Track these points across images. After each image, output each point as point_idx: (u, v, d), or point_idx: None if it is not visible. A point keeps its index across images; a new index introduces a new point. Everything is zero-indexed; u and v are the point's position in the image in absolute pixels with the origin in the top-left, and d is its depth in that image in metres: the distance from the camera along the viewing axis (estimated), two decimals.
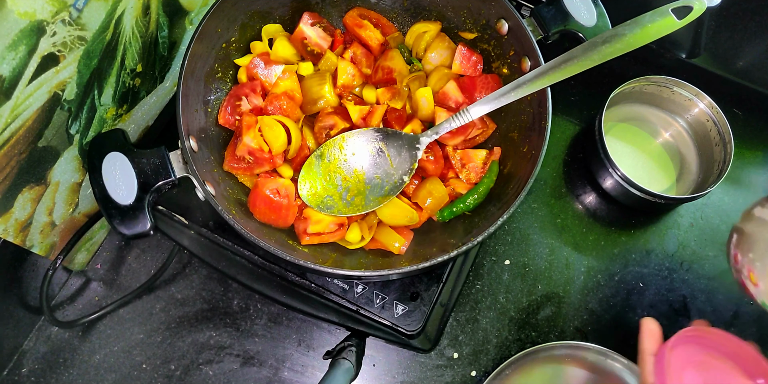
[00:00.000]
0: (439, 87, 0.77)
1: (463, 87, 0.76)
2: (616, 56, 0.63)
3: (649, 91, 0.94)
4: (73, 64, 0.63)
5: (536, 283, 0.88)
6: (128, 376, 0.81)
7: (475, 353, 0.84)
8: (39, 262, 0.76)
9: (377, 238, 0.71)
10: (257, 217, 0.69)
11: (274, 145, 0.70)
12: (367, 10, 0.80)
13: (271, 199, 0.68)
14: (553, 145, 0.97)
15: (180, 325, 0.83)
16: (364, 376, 0.82)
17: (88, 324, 0.82)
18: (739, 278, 0.62)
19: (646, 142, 0.96)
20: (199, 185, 0.62)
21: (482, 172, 0.74)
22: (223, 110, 0.73)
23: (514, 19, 0.71)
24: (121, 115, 0.76)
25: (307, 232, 0.69)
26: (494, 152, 0.75)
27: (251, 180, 0.72)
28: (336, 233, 0.70)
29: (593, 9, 0.73)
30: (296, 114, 0.74)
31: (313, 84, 0.75)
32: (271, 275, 0.75)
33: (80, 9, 0.60)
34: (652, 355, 0.59)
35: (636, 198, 0.87)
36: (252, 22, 0.75)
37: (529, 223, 0.91)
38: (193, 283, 0.85)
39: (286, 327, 0.84)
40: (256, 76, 0.74)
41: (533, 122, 0.70)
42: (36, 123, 0.62)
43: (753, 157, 0.99)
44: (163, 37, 0.77)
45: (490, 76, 0.76)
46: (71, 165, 0.71)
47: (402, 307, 0.72)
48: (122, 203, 0.61)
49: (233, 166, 0.71)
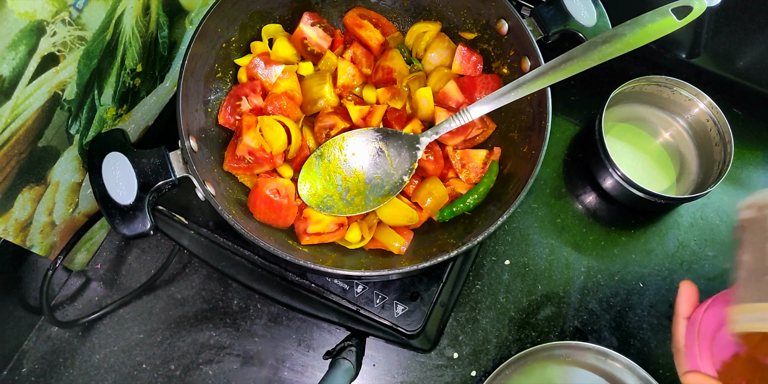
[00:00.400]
0: (439, 87, 0.77)
1: (463, 87, 0.76)
2: (616, 56, 0.63)
3: (649, 91, 0.94)
4: (73, 64, 0.63)
5: (536, 283, 0.88)
6: (128, 376, 0.81)
7: (475, 353, 0.84)
8: (39, 262, 0.76)
9: (377, 238, 0.71)
10: (257, 217, 0.69)
11: (274, 145, 0.70)
12: (367, 10, 0.80)
13: (271, 199, 0.68)
14: (553, 145, 0.97)
15: (180, 325, 0.83)
16: (364, 376, 0.82)
17: (88, 324, 0.82)
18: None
19: (646, 142, 0.96)
20: (199, 185, 0.62)
21: (482, 172, 0.74)
22: (223, 110, 0.73)
23: (514, 19, 0.71)
24: (121, 115, 0.76)
25: (307, 232, 0.69)
26: (494, 152, 0.75)
27: (251, 180, 0.72)
28: (336, 233, 0.70)
29: (593, 9, 0.73)
30: (296, 114, 0.74)
31: (313, 84, 0.75)
32: (271, 275, 0.75)
33: (80, 9, 0.60)
34: (685, 318, 0.57)
35: (636, 198, 0.87)
36: (252, 22, 0.75)
37: (529, 223, 0.91)
38: (193, 283, 0.85)
39: (286, 327, 0.84)
40: (256, 76, 0.74)
41: (533, 122, 0.70)
42: (36, 123, 0.62)
43: (753, 157, 0.99)
44: (163, 37, 0.77)
45: (490, 76, 0.76)
46: (71, 165, 0.71)
47: (402, 307, 0.72)
48: (122, 203, 0.61)
49: (233, 166, 0.71)
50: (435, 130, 0.70)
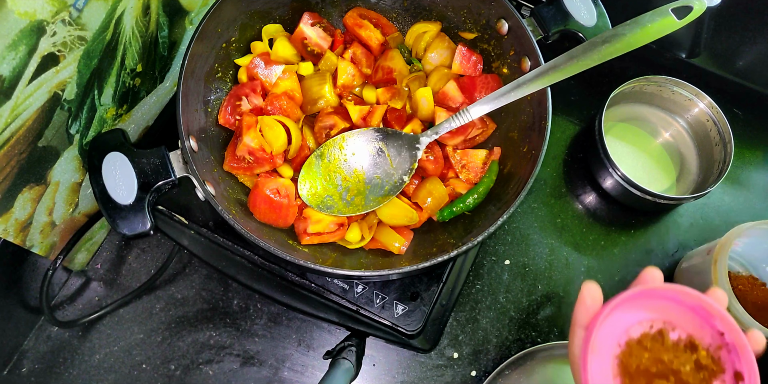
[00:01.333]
0: (439, 87, 0.77)
1: (463, 87, 0.76)
2: (616, 56, 0.63)
3: (649, 90, 0.94)
4: (73, 64, 0.63)
5: (536, 283, 0.88)
6: (128, 376, 0.81)
7: (475, 353, 0.84)
8: (39, 262, 0.76)
9: (377, 238, 0.71)
10: (257, 217, 0.69)
11: (275, 145, 0.70)
12: (367, 10, 0.80)
13: (271, 199, 0.68)
14: (553, 144, 0.97)
15: (180, 325, 0.83)
16: (364, 376, 0.82)
17: (88, 324, 0.82)
18: None
19: (646, 142, 0.96)
20: (199, 185, 0.62)
21: (482, 172, 0.74)
22: (223, 110, 0.73)
23: (514, 19, 0.71)
24: (121, 115, 0.76)
25: (307, 232, 0.69)
26: (494, 152, 0.75)
27: (251, 180, 0.72)
28: (336, 233, 0.70)
29: (593, 9, 0.73)
30: (296, 114, 0.74)
31: (313, 84, 0.75)
32: (271, 275, 0.75)
33: (80, 9, 0.60)
34: (582, 327, 0.49)
35: (636, 198, 0.87)
36: (252, 22, 0.75)
37: (529, 223, 0.91)
38: (193, 283, 0.85)
39: (286, 327, 0.84)
40: (257, 76, 0.74)
41: (533, 122, 0.70)
42: (36, 123, 0.62)
43: (753, 157, 0.99)
44: (163, 37, 0.77)
45: (490, 76, 0.76)
46: (71, 165, 0.71)
47: (402, 307, 0.72)
48: (122, 203, 0.61)
49: (233, 166, 0.71)
50: (435, 130, 0.70)
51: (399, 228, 0.72)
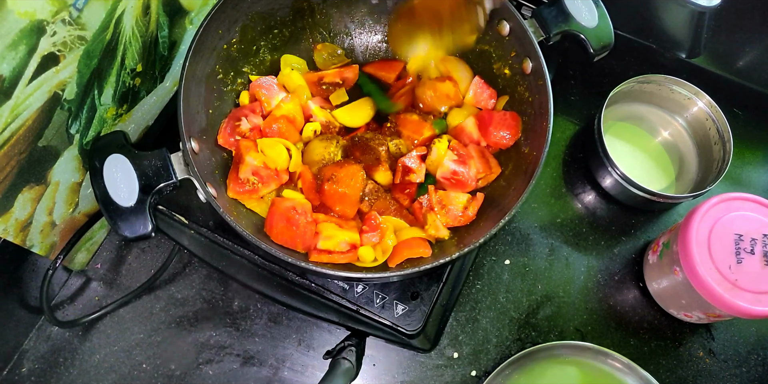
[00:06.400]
0: (458, 121, 0.76)
1: (482, 122, 0.75)
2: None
3: (648, 90, 0.94)
4: (73, 63, 0.63)
5: (536, 283, 0.88)
6: (128, 376, 0.81)
7: (475, 353, 0.84)
8: (39, 262, 0.76)
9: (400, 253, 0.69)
10: (274, 239, 0.67)
11: (278, 161, 0.69)
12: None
13: (290, 216, 0.66)
14: (553, 144, 0.97)
15: (180, 325, 0.83)
16: (364, 376, 0.82)
17: (88, 324, 0.82)
18: None
19: (646, 141, 0.96)
20: (200, 187, 0.62)
21: (461, 218, 0.71)
22: (223, 131, 0.72)
23: (515, 20, 0.71)
24: (121, 114, 0.76)
25: (316, 248, 0.67)
26: (476, 198, 0.72)
27: (259, 205, 0.71)
28: (347, 254, 0.67)
29: (594, 10, 0.73)
30: (294, 137, 0.74)
31: (318, 147, 0.75)
32: (271, 275, 0.75)
33: (80, 9, 0.60)
34: None
35: (635, 197, 0.87)
36: (253, 23, 0.75)
37: (529, 223, 0.91)
38: (193, 283, 0.85)
39: (286, 327, 0.84)
40: (258, 96, 0.74)
41: (534, 123, 0.70)
42: (36, 123, 0.62)
43: (752, 157, 0.99)
44: (163, 37, 0.77)
45: (509, 113, 0.74)
46: (71, 165, 0.71)
47: (402, 307, 0.72)
48: (123, 205, 0.61)
49: (239, 191, 0.69)
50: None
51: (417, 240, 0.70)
